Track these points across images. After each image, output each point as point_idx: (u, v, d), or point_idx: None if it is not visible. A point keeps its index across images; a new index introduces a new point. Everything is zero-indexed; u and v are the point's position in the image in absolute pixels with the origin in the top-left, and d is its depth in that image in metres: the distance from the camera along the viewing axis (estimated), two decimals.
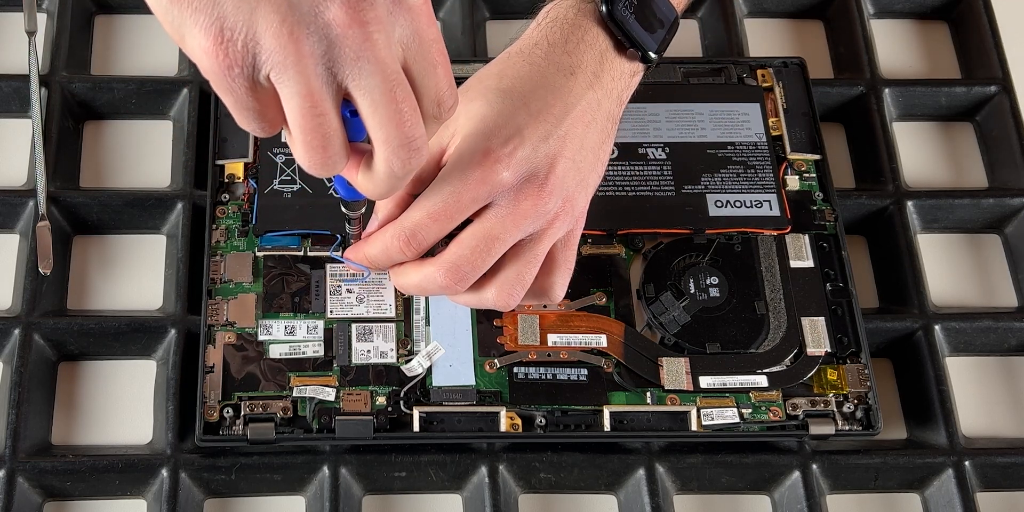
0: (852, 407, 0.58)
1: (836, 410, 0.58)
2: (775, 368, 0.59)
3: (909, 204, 0.66)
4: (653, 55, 0.54)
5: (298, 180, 0.61)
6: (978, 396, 0.64)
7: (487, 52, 0.71)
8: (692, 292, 0.60)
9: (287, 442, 0.56)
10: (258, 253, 0.60)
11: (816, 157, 0.65)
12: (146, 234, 0.64)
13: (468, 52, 0.68)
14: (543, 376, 0.58)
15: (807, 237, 0.62)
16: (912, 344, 0.63)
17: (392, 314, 0.59)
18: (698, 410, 0.57)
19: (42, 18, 0.69)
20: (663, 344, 0.59)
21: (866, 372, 0.59)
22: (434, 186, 0.49)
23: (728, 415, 0.57)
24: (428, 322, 0.59)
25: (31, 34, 0.67)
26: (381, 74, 0.40)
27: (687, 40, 0.73)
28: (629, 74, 0.54)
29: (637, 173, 0.63)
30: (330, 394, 0.56)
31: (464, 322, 0.59)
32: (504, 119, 0.50)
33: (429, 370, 0.58)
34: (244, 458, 0.57)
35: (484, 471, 0.57)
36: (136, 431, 0.59)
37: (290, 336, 0.58)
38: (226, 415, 0.56)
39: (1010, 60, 0.70)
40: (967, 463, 0.59)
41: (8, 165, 0.65)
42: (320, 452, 0.57)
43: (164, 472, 0.56)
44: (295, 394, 0.56)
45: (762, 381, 0.58)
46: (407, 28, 0.41)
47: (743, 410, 0.58)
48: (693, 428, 0.57)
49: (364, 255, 0.51)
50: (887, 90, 0.70)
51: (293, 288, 0.59)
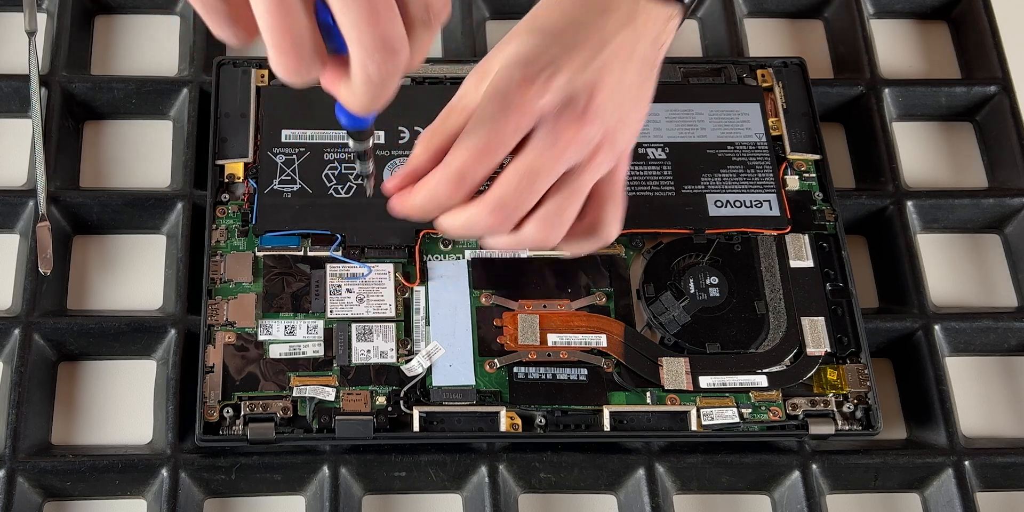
0: (852, 407, 0.58)
1: (836, 410, 0.58)
2: (775, 368, 0.59)
3: (909, 204, 0.66)
4: None
5: (298, 180, 0.62)
6: (978, 396, 0.64)
7: (487, 52, 0.71)
8: (692, 292, 0.60)
9: (287, 442, 0.56)
10: (258, 253, 0.60)
11: (816, 157, 0.65)
12: (146, 234, 0.64)
13: (468, 52, 0.68)
14: (543, 376, 0.58)
15: (807, 237, 0.62)
16: (912, 344, 0.63)
17: (392, 314, 0.59)
18: (698, 410, 0.57)
19: (42, 18, 0.69)
20: (663, 344, 0.59)
21: (866, 372, 0.59)
22: (473, 123, 0.48)
23: (728, 415, 0.57)
24: (428, 322, 0.59)
25: (31, 34, 0.67)
26: None
27: (687, 40, 0.73)
28: (665, 18, 0.53)
29: (637, 173, 0.63)
30: (330, 394, 0.57)
31: (464, 322, 0.59)
32: (538, 52, 0.49)
33: (429, 370, 0.58)
34: (244, 458, 0.57)
35: (484, 471, 0.57)
36: (136, 431, 0.59)
37: (290, 336, 0.58)
38: (226, 415, 0.56)
39: (1010, 60, 0.71)
40: (967, 463, 0.59)
41: (8, 165, 0.65)
42: (320, 452, 0.57)
43: (164, 472, 0.56)
44: (295, 394, 0.56)
45: (762, 381, 0.58)
46: None
47: (743, 410, 0.58)
48: (693, 428, 0.57)
49: (410, 205, 0.50)
50: (887, 90, 0.70)
51: (293, 288, 0.59)
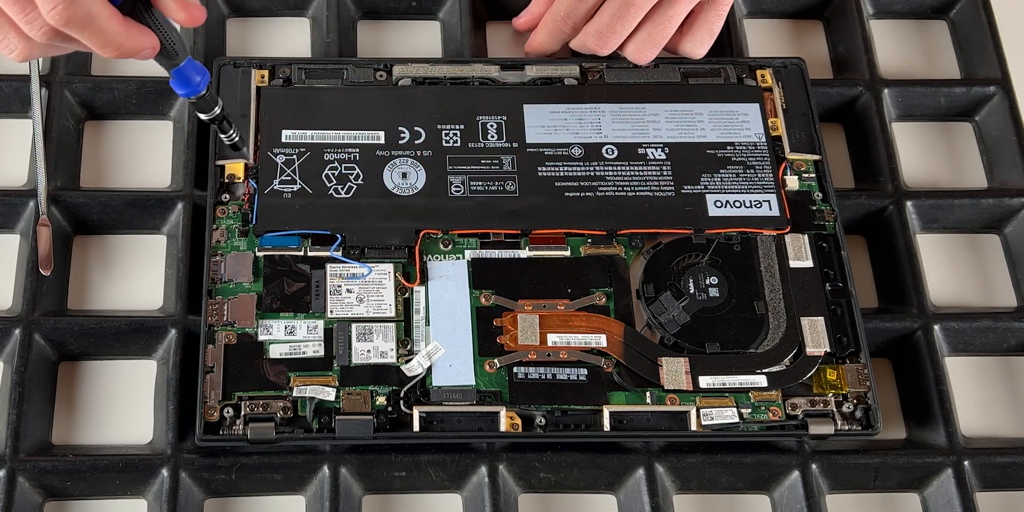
0: (851, 407, 0.58)
1: (835, 410, 0.58)
2: (775, 368, 0.59)
3: (908, 204, 0.66)
4: None
5: (298, 180, 0.62)
6: (977, 396, 0.64)
7: (487, 52, 0.71)
8: (692, 292, 0.60)
9: (287, 442, 0.56)
10: (258, 253, 0.60)
11: (815, 157, 0.65)
12: (146, 234, 0.64)
13: (468, 52, 0.68)
14: (543, 376, 0.58)
15: (806, 237, 0.62)
16: (911, 344, 0.63)
17: (392, 314, 0.59)
18: (698, 410, 0.57)
19: None
20: (663, 344, 0.59)
21: (865, 372, 0.59)
22: None
23: (728, 415, 0.57)
24: (428, 322, 0.59)
25: None
26: None
27: None
28: None
29: (637, 173, 0.63)
30: (330, 394, 0.57)
31: (464, 322, 0.59)
32: None
33: (429, 370, 0.58)
34: (244, 458, 0.57)
35: (484, 471, 0.57)
36: (136, 431, 0.59)
37: (290, 336, 0.58)
38: (226, 415, 0.56)
39: (1010, 60, 0.71)
40: (966, 463, 0.59)
41: (8, 165, 0.66)
42: (320, 452, 0.58)
43: (164, 472, 0.56)
44: (295, 394, 0.56)
45: (762, 381, 0.58)
46: None
47: (743, 410, 0.58)
48: (693, 428, 0.57)
49: (537, 43, 0.66)
50: (886, 90, 0.70)
51: (293, 288, 0.59)
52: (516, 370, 0.58)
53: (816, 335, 0.60)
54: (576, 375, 0.58)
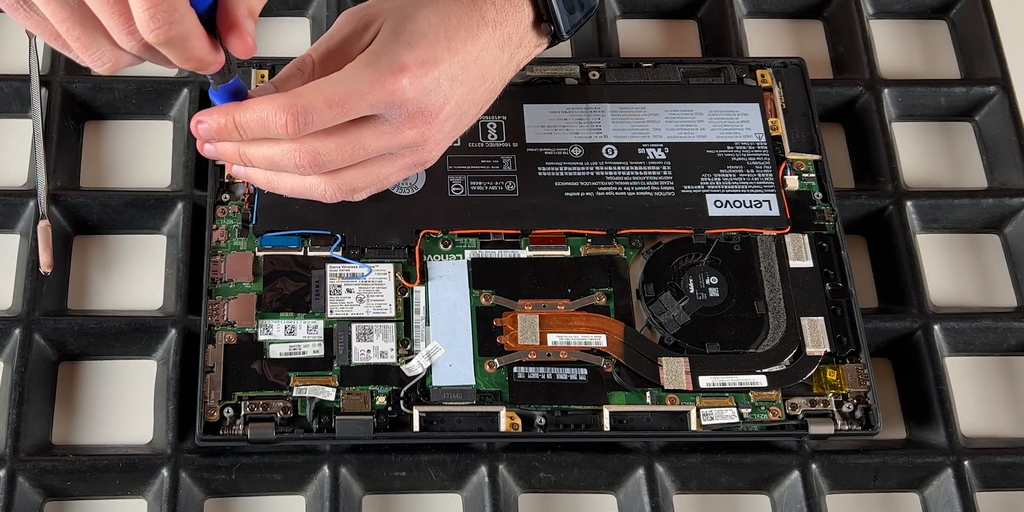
0: (851, 407, 0.58)
1: (835, 410, 0.58)
2: (774, 368, 0.59)
3: (908, 204, 0.66)
4: (564, 34, 0.58)
5: None
6: (977, 396, 0.64)
7: None
8: (692, 292, 0.60)
9: (287, 442, 0.56)
10: (258, 253, 0.60)
11: (815, 157, 0.65)
12: (146, 234, 0.64)
13: None
14: (543, 376, 0.58)
15: (806, 237, 0.62)
16: (911, 344, 0.63)
17: (392, 314, 0.59)
18: (698, 410, 0.57)
19: None
20: (663, 344, 0.59)
21: (865, 372, 0.59)
22: (342, 76, 0.49)
23: (728, 415, 0.57)
24: (428, 322, 0.59)
25: (32, 34, 0.67)
26: None
27: (687, 40, 0.74)
28: (534, 45, 0.58)
29: (637, 173, 0.63)
30: (330, 394, 0.57)
31: (464, 322, 0.59)
32: (425, 43, 0.51)
33: (429, 370, 0.58)
34: (244, 458, 0.57)
35: (484, 471, 0.57)
36: (136, 431, 0.59)
37: (290, 336, 0.58)
38: (226, 415, 0.56)
39: (1010, 60, 0.71)
40: (966, 463, 0.59)
41: (8, 165, 0.66)
42: (320, 452, 0.58)
43: (164, 472, 0.56)
44: (295, 394, 0.56)
45: (761, 381, 0.58)
46: None
47: (743, 410, 0.58)
48: (693, 428, 0.57)
49: (232, 119, 0.49)
50: (886, 90, 0.70)
51: (293, 288, 0.59)
52: (516, 370, 0.58)
53: (816, 335, 0.60)
54: (576, 375, 0.58)
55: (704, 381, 0.58)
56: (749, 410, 0.58)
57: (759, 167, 0.64)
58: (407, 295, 0.59)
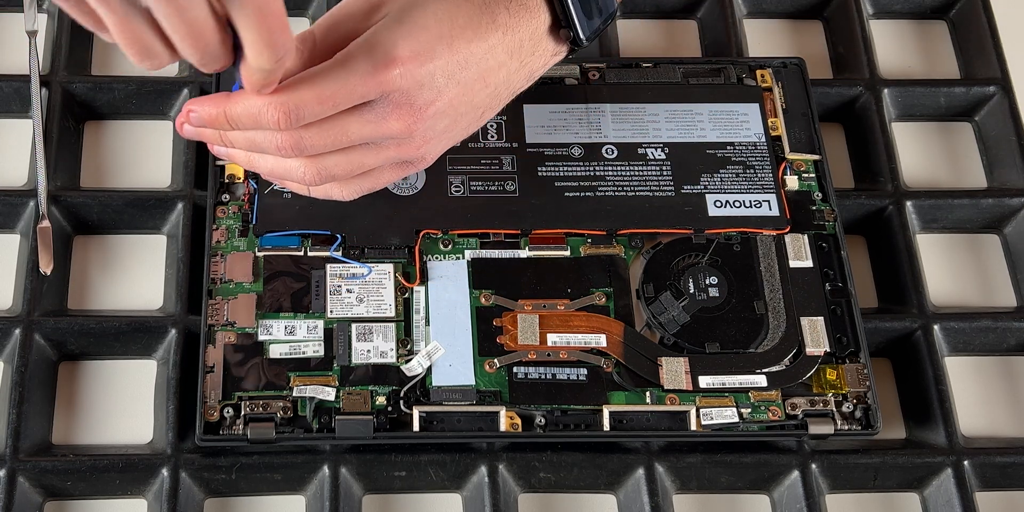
0: (851, 407, 0.58)
1: (835, 410, 0.58)
2: (774, 368, 0.59)
3: (908, 204, 0.66)
4: (584, 39, 0.55)
5: None
6: (977, 396, 0.64)
7: None
8: (691, 292, 0.60)
9: (287, 442, 0.56)
10: (258, 253, 0.60)
11: (815, 157, 0.65)
12: (146, 234, 0.64)
13: None
14: (543, 376, 0.58)
15: (806, 237, 0.62)
16: (911, 344, 0.63)
17: (392, 314, 0.59)
18: (697, 410, 0.57)
19: (42, 18, 0.69)
20: (662, 344, 0.59)
21: (865, 372, 0.59)
22: (335, 68, 0.49)
23: (727, 415, 0.57)
24: (428, 322, 0.59)
25: (32, 34, 0.67)
26: None
27: (687, 40, 0.74)
28: (551, 53, 0.56)
29: (637, 173, 0.63)
30: (330, 394, 0.57)
31: (464, 322, 0.59)
32: (425, 35, 0.50)
33: (429, 370, 0.58)
34: (244, 458, 0.57)
35: (484, 471, 0.57)
36: (136, 431, 0.59)
37: (290, 336, 0.58)
38: (226, 415, 0.56)
39: (1009, 60, 0.71)
40: (966, 463, 0.59)
41: (8, 165, 0.66)
42: (320, 452, 0.58)
43: (164, 472, 0.56)
44: (295, 394, 0.56)
45: (761, 381, 0.58)
46: None
47: (742, 410, 0.58)
48: (692, 428, 0.57)
49: (224, 112, 0.49)
50: (886, 90, 0.70)
51: (293, 288, 0.59)
52: (516, 370, 0.58)
53: (816, 335, 0.60)
54: (576, 375, 0.58)
55: (704, 381, 0.58)
56: (749, 410, 0.58)
57: (759, 167, 0.64)
58: (407, 295, 0.59)
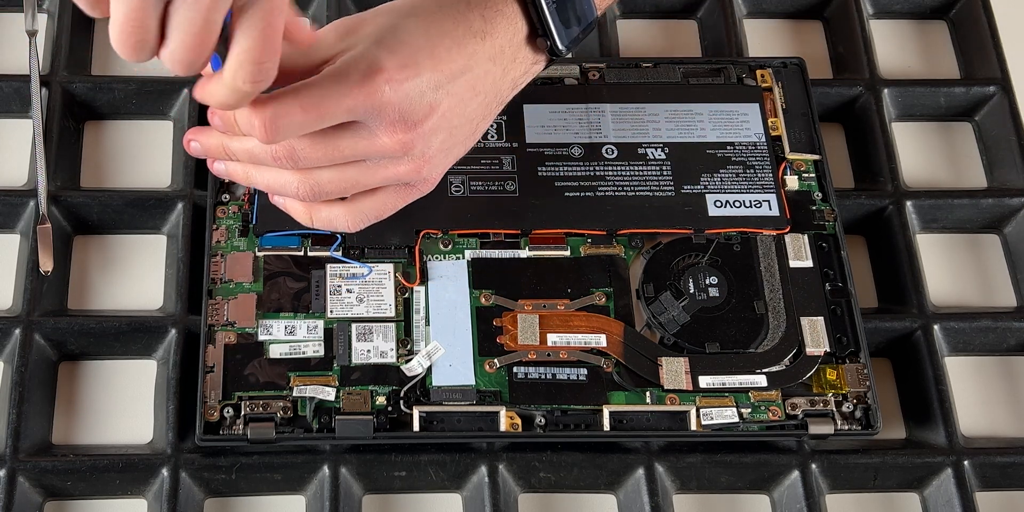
0: (851, 407, 0.58)
1: (835, 410, 0.58)
2: (774, 368, 0.59)
3: (908, 204, 0.66)
4: (561, 49, 0.55)
5: None
6: (977, 396, 0.64)
7: None
8: (691, 292, 0.60)
9: (287, 442, 0.56)
10: (258, 253, 0.60)
11: (815, 157, 0.65)
12: (146, 234, 0.64)
13: None
14: (543, 376, 0.58)
15: (806, 237, 0.62)
16: (911, 344, 0.63)
17: (392, 314, 0.59)
18: (697, 410, 0.57)
19: (42, 18, 0.69)
20: (662, 344, 0.59)
21: (865, 372, 0.59)
22: (317, 82, 0.48)
23: (727, 415, 0.57)
24: (428, 322, 0.59)
25: (32, 34, 0.67)
26: None
27: (686, 40, 0.74)
28: (531, 62, 0.55)
29: (637, 173, 0.63)
30: (330, 394, 0.57)
31: (464, 322, 0.59)
32: (407, 50, 0.50)
33: (429, 370, 0.58)
34: (244, 458, 0.57)
35: (484, 471, 0.57)
36: (136, 431, 0.59)
37: (290, 336, 0.58)
38: (226, 415, 0.56)
39: (1009, 60, 0.71)
40: (966, 463, 0.59)
41: (8, 165, 0.66)
42: (320, 452, 0.58)
43: (164, 472, 0.56)
44: (295, 394, 0.56)
45: (761, 381, 0.58)
46: None
47: (742, 410, 0.58)
48: (692, 428, 0.57)
49: (226, 120, 0.50)
50: (886, 90, 0.70)
51: (293, 288, 0.59)
52: (516, 370, 0.58)
53: (816, 335, 0.60)
54: (576, 375, 0.58)
55: (704, 381, 0.58)
56: (749, 410, 0.58)
57: (759, 167, 0.64)
58: (407, 295, 0.59)
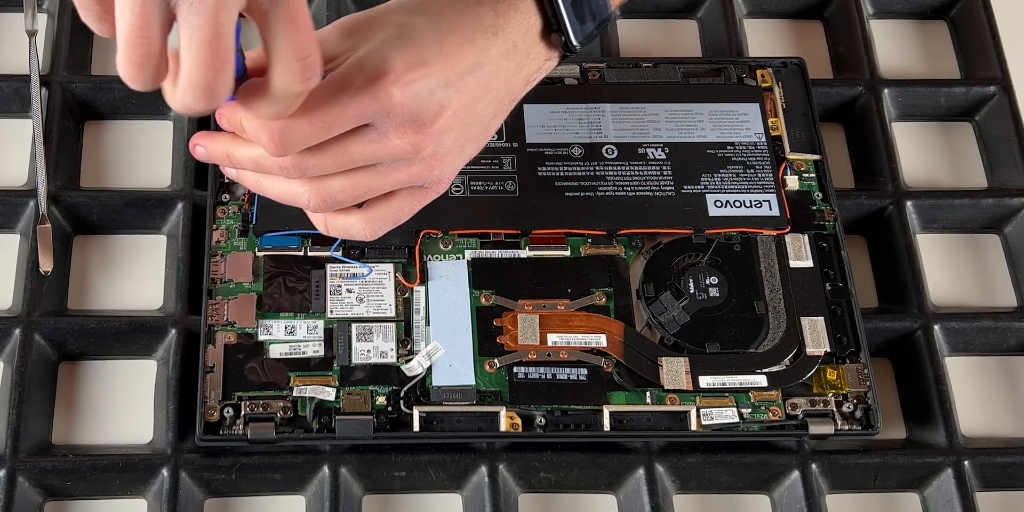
0: (851, 407, 0.58)
1: (835, 410, 0.58)
2: (775, 368, 0.59)
3: (908, 204, 0.66)
4: (576, 45, 0.54)
5: None
6: (977, 396, 0.64)
7: None
8: (692, 292, 0.60)
9: (287, 442, 0.56)
10: (258, 253, 0.60)
11: (815, 157, 0.65)
12: (146, 234, 0.64)
13: None
14: (543, 376, 0.58)
15: (806, 237, 0.62)
16: (911, 344, 0.63)
17: (392, 314, 0.59)
18: (698, 410, 0.57)
19: (42, 18, 0.69)
20: (663, 344, 0.59)
21: (865, 372, 0.59)
22: (322, 89, 0.47)
23: (728, 415, 0.57)
24: (428, 322, 0.59)
25: (32, 34, 0.67)
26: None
27: (687, 40, 0.74)
28: (544, 58, 0.54)
29: (637, 173, 0.63)
30: (330, 394, 0.57)
31: (464, 322, 0.59)
32: (414, 48, 0.48)
33: (429, 370, 0.58)
34: (244, 458, 0.57)
35: (484, 471, 0.57)
36: (136, 431, 0.59)
37: (290, 336, 0.58)
38: (226, 415, 0.56)
39: (1009, 60, 0.71)
40: (966, 463, 0.59)
41: (8, 165, 0.66)
42: (320, 452, 0.58)
43: (164, 472, 0.56)
44: (295, 394, 0.56)
45: (761, 381, 0.58)
46: None
47: (743, 410, 0.58)
48: (693, 428, 0.57)
49: (234, 120, 0.48)
50: (886, 90, 0.70)
51: (293, 288, 0.59)
52: (516, 370, 0.58)
53: (816, 335, 0.60)
54: (576, 375, 0.58)
55: (704, 381, 0.58)
56: (749, 410, 0.58)
57: (759, 167, 0.64)
58: (407, 295, 0.59)
